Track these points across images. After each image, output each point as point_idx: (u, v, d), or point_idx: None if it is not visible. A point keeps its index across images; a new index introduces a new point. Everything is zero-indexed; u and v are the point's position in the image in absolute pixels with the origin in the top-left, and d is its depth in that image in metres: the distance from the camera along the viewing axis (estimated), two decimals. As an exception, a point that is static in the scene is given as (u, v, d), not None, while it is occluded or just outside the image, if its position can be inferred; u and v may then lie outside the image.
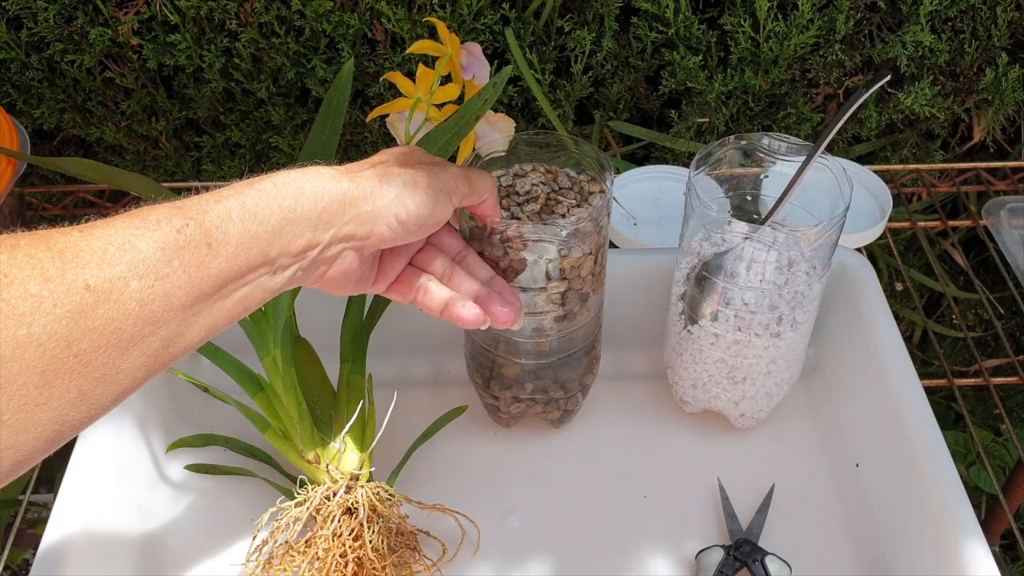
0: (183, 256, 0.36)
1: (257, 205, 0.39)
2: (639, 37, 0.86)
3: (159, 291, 0.35)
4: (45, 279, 0.32)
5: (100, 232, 0.35)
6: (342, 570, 0.54)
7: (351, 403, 0.60)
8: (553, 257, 0.55)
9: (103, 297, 0.33)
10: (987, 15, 0.84)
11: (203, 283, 0.37)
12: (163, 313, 0.36)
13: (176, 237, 0.36)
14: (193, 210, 0.37)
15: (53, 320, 0.32)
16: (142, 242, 0.35)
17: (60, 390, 0.32)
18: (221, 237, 0.38)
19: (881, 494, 0.61)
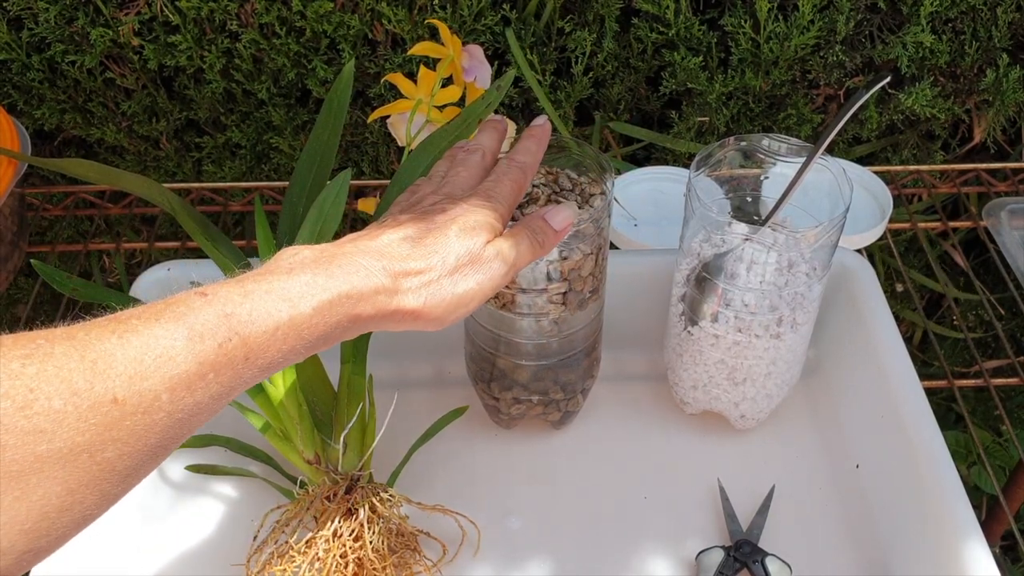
0: (219, 372, 0.35)
1: (304, 326, 0.38)
2: (640, 38, 0.86)
3: (189, 403, 0.35)
4: (72, 393, 0.31)
5: (138, 341, 0.34)
6: (342, 570, 0.54)
7: (351, 404, 0.60)
8: (554, 258, 0.55)
9: (131, 410, 0.33)
10: (987, 16, 0.84)
11: (234, 389, 0.37)
12: (190, 419, 0.35)
13: (217, 353, 0.35)
14: (239, 321, 0.36)
15: (76, 434, 0.31)
16: (180, 355, 0.34)
17: (83, 496, 0.32)
18: (261, 353, 0.37)
19: (881, 495, 0.61)
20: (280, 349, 0.38)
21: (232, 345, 0.36)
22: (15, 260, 0.78)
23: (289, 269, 0.40)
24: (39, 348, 0.32)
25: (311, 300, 0.39)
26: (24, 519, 0.31)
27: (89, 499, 0.33)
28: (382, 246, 0.43)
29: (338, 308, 0.40)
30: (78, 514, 0.33)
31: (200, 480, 0.64)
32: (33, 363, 0.31)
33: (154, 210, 0.90)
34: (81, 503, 0.32)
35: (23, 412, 0.30)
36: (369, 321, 0.42)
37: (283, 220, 0.66)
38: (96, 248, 0.91)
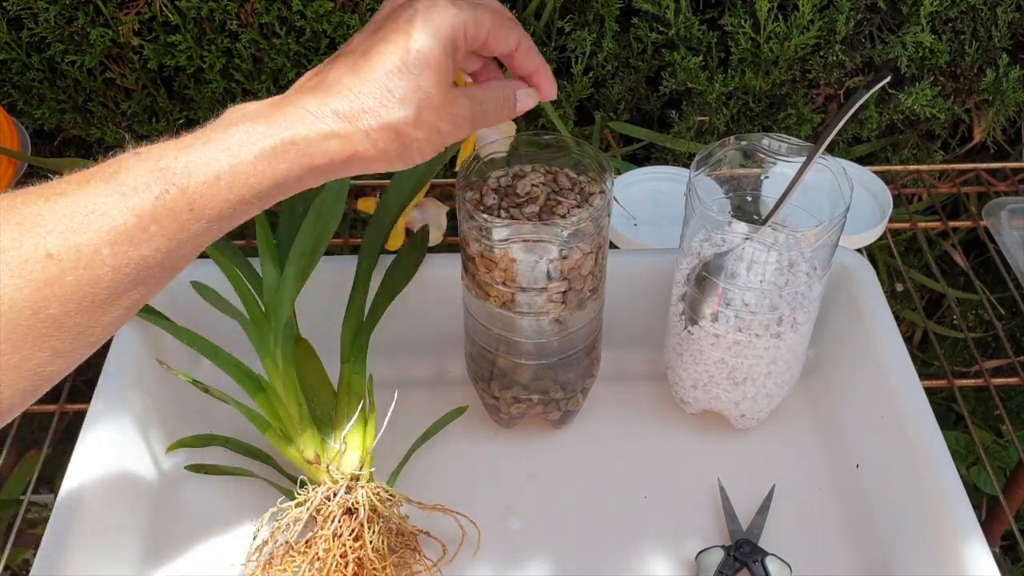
0: (161, 222, 0.35)
1: (248, 174, 0.38)
2: (639, 38, 0.86)
3: (134, 256, 0.35)
4: (1, 249, 0.32)
5: (68, 200, 0.34)
6: (342, 570, 0.54)
7: (351, 403, 0.60)
8: (554, 257, 0.55)
9: (70, 265, 0.33)
10: (987, 16, 0.84)
11: (184, 242, 0.37)
12: (139, 273, 0.35)
13: (154, 204, 0.35)
14: (175, 173, 0.36)
15: (13, 290, 0.32)
16: (115, 209, 0.34)
17: (32, 352, 0.33)
18: (205, 203, 0.37)
19: (881, 495, 0.61)
20: (227, 199, 0.37)
21: (170, 196, 0.35)
22: (15, 260, 0.77)
23: (228, 123, 0.39)
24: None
25: (252, 148, 0.38)
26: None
27: (39, 356, 0.33)
28: (331, 83, 0.41)
29: (284, 155, 0.39)
30: (30, 371, 0.33)
31: (200, 480, 0.64)
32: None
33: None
34: (30, 360, 0.33)
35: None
36: (328, 169, 0.41)
37: (283, 220, 0.66)
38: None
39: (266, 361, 0.61)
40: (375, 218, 0.68)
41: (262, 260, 0.63)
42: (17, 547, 0.68)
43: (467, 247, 0.57)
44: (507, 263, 0.56)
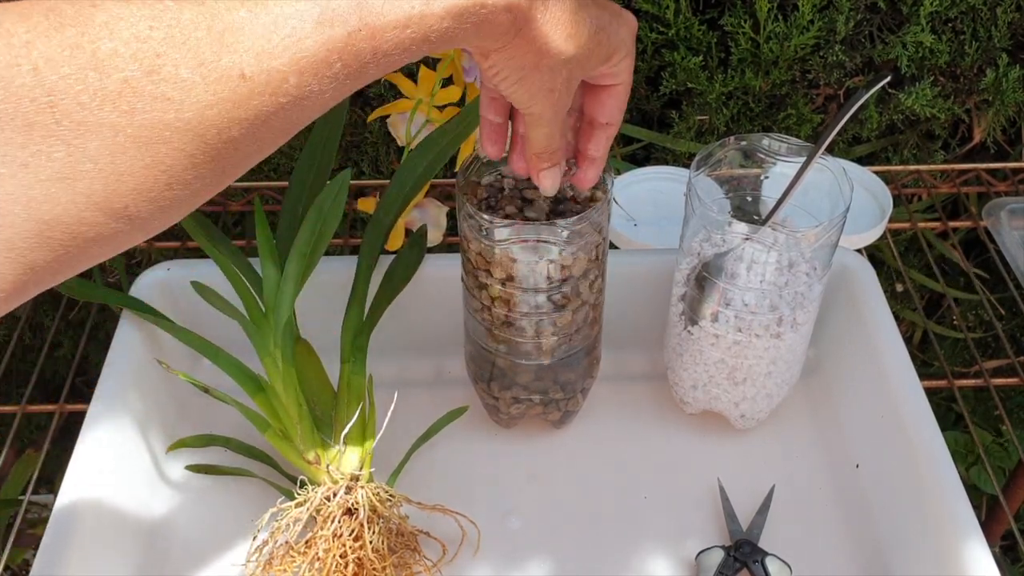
0: (345, 60, 0.34)
1: (433, 27, 0.36)
2: (639, 38, 0.86)
3: (315, 90, 0.34)
4: (199, 63, 0.31)
5: (268, 17, 0.32)
6: (342, 570, 0.54)
7: (351, 403, 0.60)
8: (554, 258, 0.55)
9: (258, 90, 0.32)
10: (987, 16, 0.84)
11: (356, 82, 0.36)
12: (313, 105, 0.35)
13: (345, 41, 0.34)
14: (371, 10, 0.34)
15: (205, 107, 0.31)
16: (310, 38, 0.33)
17: (207, 171, 0.32)
18: (387, 49, 0.35)
19: (881, 495, 0.61)
20: (406, 48, 0.36)
21: (362, 36, 0.34)
22: (15, 260, 0.77)
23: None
24: (166, 11, 0.31)
25: (444, 1, 0.36)
26: (151, 187, 0.31)
27: (208, 176, 0.33)
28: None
29: (470, 16, 0.37)
30: (199, 188, 0.33)
31: (200, 480, 0.64)
32: (160, 28, 0.30)
33: (154, 210, 0.89)
34: (201, 179, 0.32)
35: (150, 78, 0.30)
36: (485, 39, 0.39)
37: (283, 220, 0.67)
38: (96, 248, 0.90)
39: (266, 361, 0.61)
40: (375, 218, 0.68)
41: (262, 260, 0.63)
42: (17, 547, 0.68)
43: (467, 247, 0.58)
44: (507, 263, 0.56)
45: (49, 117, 0.28)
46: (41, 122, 0.28)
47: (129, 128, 0.29)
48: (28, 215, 0.28)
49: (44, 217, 0.29)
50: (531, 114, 0.45)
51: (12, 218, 0.28)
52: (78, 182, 0.29)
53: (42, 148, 0.28)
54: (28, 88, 0.28)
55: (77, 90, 0.28)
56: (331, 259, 0.68)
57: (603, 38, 0.43)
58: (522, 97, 0.44)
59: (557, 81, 0.43)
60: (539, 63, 0.41)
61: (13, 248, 0.29)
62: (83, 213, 0.29)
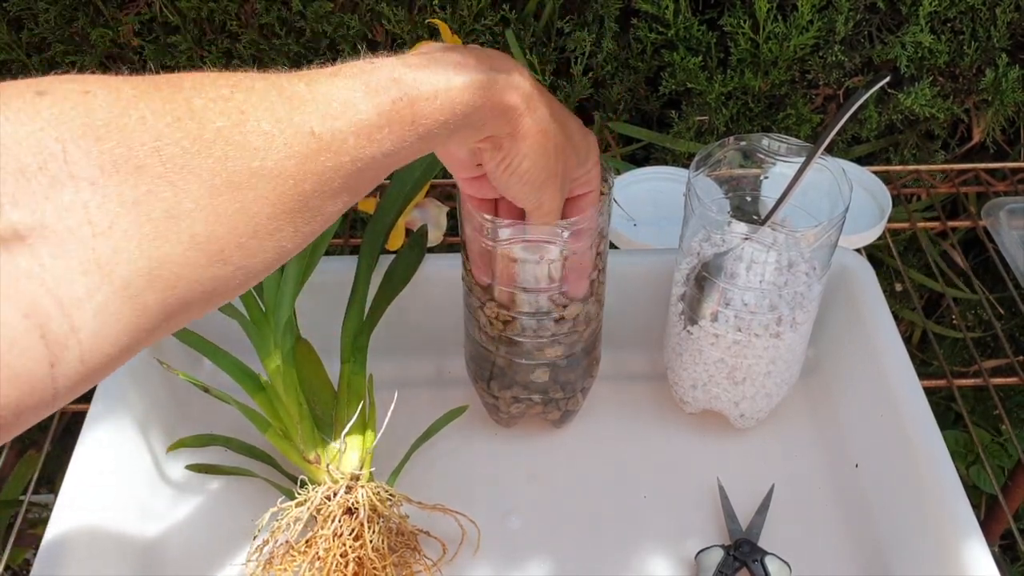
0: (392, 126, 0.38)
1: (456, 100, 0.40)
2: (639, 38, 0.86)
3: (368, 153, 0.37)
4: (277, 120, 0.34)
5: (324, 87, 0.36)
6: (342, 570, 0.54)
7: (351, 403, 0.60)
8: (554, 258, 0.55)
9: (325, 146, 0.35)
10: (987, 16, 0.84)
11: (400, 153, 0.39)
12: (365, 172, 0.37)
13: (391, 107, 0.38)
14: (407, 83, 0.38)
15: (284, 158, 0.34)
16: (362, 104, 0.37)
17: (285, 223, 0.35)
18: (423, 117, 0.39)
19: (881, 494, 0.61)
20: (437, 119, 0.40)
21: (403, 104, 0.38)
22: (15, 260, 0.77)
23: (446, 48, 0.43)
24: (243, 80, 0.35)
25: (464, 74, 0.41)
26: (241, 232, 0.33)
27: (286, 229, 0.35)
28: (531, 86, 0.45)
29: (486, 90, 0.42)
30: (277, 244, 0.35)
31: (200, 480, 0.64)
32: (240, 91, 0.34)
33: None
34: (282, 231, 0.35)
35: (239, 128, 0.33)
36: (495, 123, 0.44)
37: (283, 220, 0.66)
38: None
39: (266, 361, 0.61)
40: (375, 218, 0.68)
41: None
42: (17, 547, 0.68)
43: (467, 247, 0.58)
44: (507, 263, 0.56)
45: (156, 160, 0.31)
46: (150, 165, 0.31)
47: (223, 172, 0.32)
48: (141, 252, 0.30)
49: (154, 254, 0.31)
50: (540, 204, 0.50)
51: (127, 254, 0.30)
52: (182, 221, 0.31)
53: (152, 188, 0.30)
54: (138, 134, 0.31)
55: (179, 136, 0.31)
56: (331, 259, 0.68)
57: (584, 137, 0.50)
58: (528, 183, 0.48)
59: (560, 167, 0.48)
60: (545, 144, 0.46)
61: (128, 286, 0.30)
62: (187, 252, 0.32)
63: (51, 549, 0.54)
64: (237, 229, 0.33)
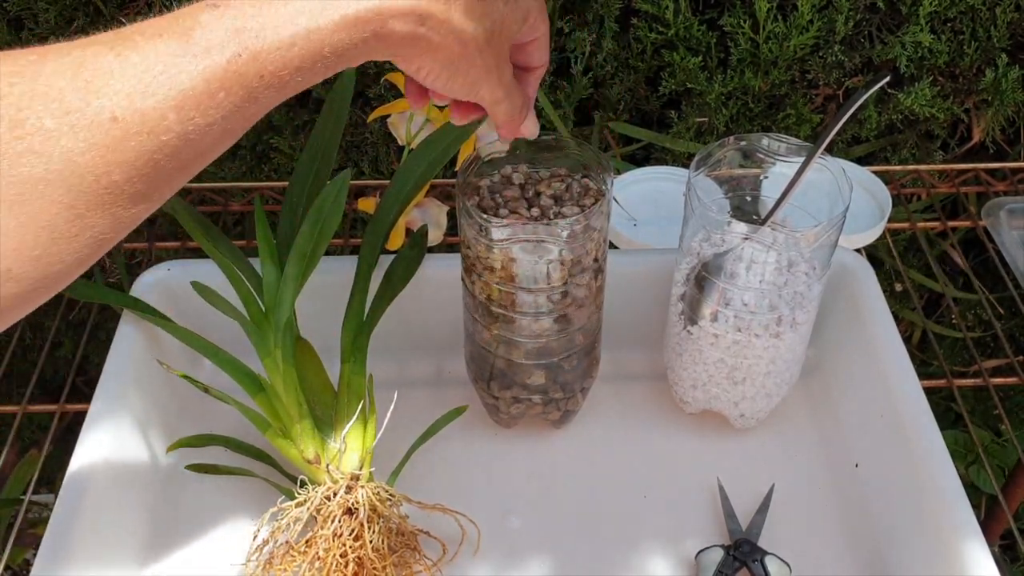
0: (231, 89, 0.34)
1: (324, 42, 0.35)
2: (639, 38, 0.86)
3: (200, 123, 0.33)
4: (65, 112, 0.31)
5: (139, 57, 0.32)
6: (342, 570, 0.54)
7: (351, 403, 0.60)
8: (553, 258, 0.55)
9: (133, 131, 0.32)
10: (987, 16, 0.84)
11: (248, 110, 0.35)
12: (205, 139, 0.34)
13: (225, 69, 0.33)
14: (249, 34, 0.34)
15: (77, 154, 0.31)
16: (185, 72, 0.33)
17: (94, 219, 0.32)
18: (275, 70, 0.35)
19: (881, 494, 0.61)
20: (298, 67, 0.35)
21: (242, 61, 0.34)
22: (15, 260, 0.78)
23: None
24: (29, 66, 0.31)
25: (334, 13, 0.35)
26: (32, 245, 0.30)
27: (101, 223, 0.32)
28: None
29: (365, 26, 0.36)
30: (91, 239, 0.32)
31: (200, 480, 0.64)
32: (22, 82, 0.30)
33: (154, 210, 0.89)
34: (92, 227, 0.32)
35: (13, 133, 0.30)
36: (398, 43, 0.38)
37: (283, 220, 0.67)
38: (96, 248, 0.90)
39: (266, 361, 0.61)
40: (375, 218, 0.68)
41: (262, 260, 0.63)
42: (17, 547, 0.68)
43: (467, 247, 0.58)
44: (507, 263, 0.56)
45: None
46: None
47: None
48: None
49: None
50: (481, 99, 0.45)
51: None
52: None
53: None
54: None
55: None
56: (331, 259, 0.68)
57: (512, 4, 0.43)
58: (463, 89, 0.44)
59: (489, 60, 0.43)
60: (464, 52, 0.41)
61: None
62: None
63: (51, 549, 0.54)
64: (25, 245, 0.30)
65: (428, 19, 0.39)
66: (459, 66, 0.42)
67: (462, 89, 0.44)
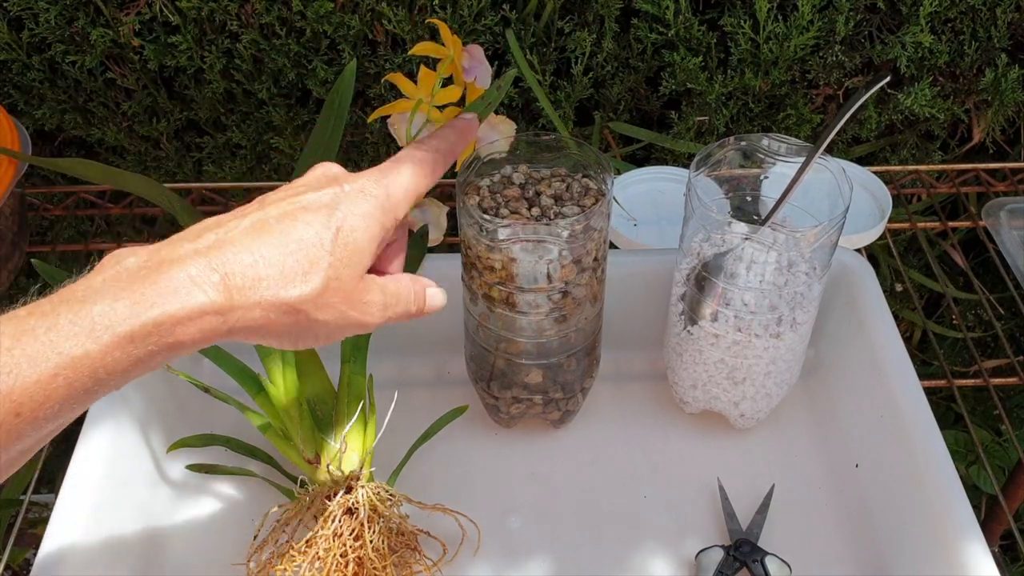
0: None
1: (96, 366, 0.32)
2: (639, 38, 0.86)
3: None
4: None
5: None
6: (343, 570, 0.54)
7: (351, 403, 0.60)
8: (553, 258, 0.55)
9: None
10: (987, 16, 0.84)
11: (13, 447, 0.33)
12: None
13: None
14: (4, 371, 0.31)
15: None
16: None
17: None
18: (36, 405, 0.32)
19: (881, 494, 0.61)
20: (66, 396, 0.32)
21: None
22: (15, 260, 0.78)
23: (89, 293, 0.34)
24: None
25: (104, 335, 0.33)
26: None
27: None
28: (231, 241, 0.36)
29: (144, 340, 0.34)
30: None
31: (200, 480, 0.64)
32: None
33: (154, 210, 0.90)
34: None
35: None
36: (199, 343, 0.36)
37: (283, 220, 0.67)
38: (96, 248, 0.91)
39: (266, 361, 0.61)
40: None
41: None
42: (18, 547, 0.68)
43: (467, 247, 0.58)
44: (507, 263, 0.56)
45: None
46: None
47: None
48: None
49: None
50: (364, 330, 0.42)
51: None
52: None
53: None
54: None
55: None
56: (331, 259, 0.68)
57: (345, 245, 0.39)
58: (330, 340, 0.41)
59: (340, 306, 0.39)
60: (299, 319, 0.38)
61: None
62: None
63: (51, 549, 0.54)
64: None
65: (231, 311, 0.36)
66: (305, 331, 0.38)
67: (330, 340, 0.40)
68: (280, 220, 0.38)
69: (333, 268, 0.38)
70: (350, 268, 0.39)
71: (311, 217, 0.38)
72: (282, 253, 0.37)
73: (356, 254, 0.39)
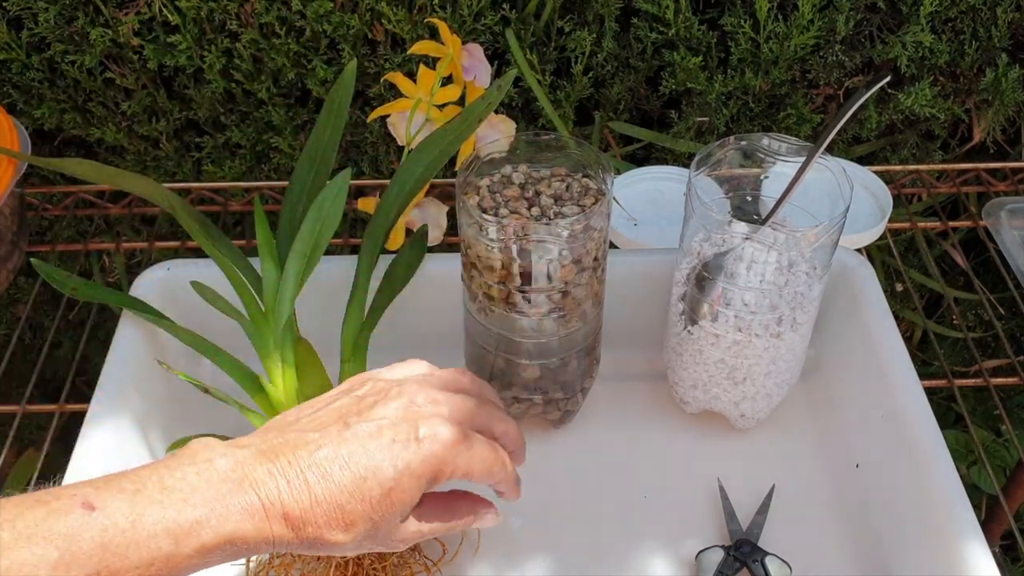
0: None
1: (181, 565, 0.37)
2: (639, 38, 0.86)
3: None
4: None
5: (5, 562, 0.33)
6: (342, 570, 0.54)
7: (351, 403, 0.60)
8: (553, 257, 0.55)
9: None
10: (987, 16, 0.84)
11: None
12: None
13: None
14: (114, 553, 0.34)
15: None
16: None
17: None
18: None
19: (881, 494, 0.61)
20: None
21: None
22: (15, 260, 0.78)
23: (190, 492, 0.38)
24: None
25: (195, 541, 0.37)
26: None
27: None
28: (302, 467, 0.40)
29: (220, 552, 0.38)
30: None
31: (200, 480, 0.64)
32: None
33: (154, 210, 0.90)
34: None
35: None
36: (252, 551, 0.40)
37: (283, 220, 0.67)
38: (96, 248, 0.91)
39: (266, 361, 0.61)
40: (375, 218, 0.68)
41: (262, 260, 0.63)
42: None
43: (467, 247, 0.58)
44: (507, 263, 0.56)
45: None
46: None
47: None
48: None
49: None
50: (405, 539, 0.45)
51: None
52: None
53: None
54: None
55: None
56: (331, 259, 0.68)
57: (389, 501, 0.42)
58: (401, 544, 0.45)
59: (367, 544, 0.43)
60: (325, 548, 0.42)
61: None
62: None
63: (51, 549, 0.54)
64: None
65: (278, 542, 0.40)
66: (327, 552, 0.42)
67: (401, 544, 0.45)
68: (350, 458, 0.41)
69: (373, 523, 0.42)
70: (388, 521, 0.43)
71: (381, 458, 0.42)
72: (340, 496, 0.41)
73: (402, 504, 0.43)
